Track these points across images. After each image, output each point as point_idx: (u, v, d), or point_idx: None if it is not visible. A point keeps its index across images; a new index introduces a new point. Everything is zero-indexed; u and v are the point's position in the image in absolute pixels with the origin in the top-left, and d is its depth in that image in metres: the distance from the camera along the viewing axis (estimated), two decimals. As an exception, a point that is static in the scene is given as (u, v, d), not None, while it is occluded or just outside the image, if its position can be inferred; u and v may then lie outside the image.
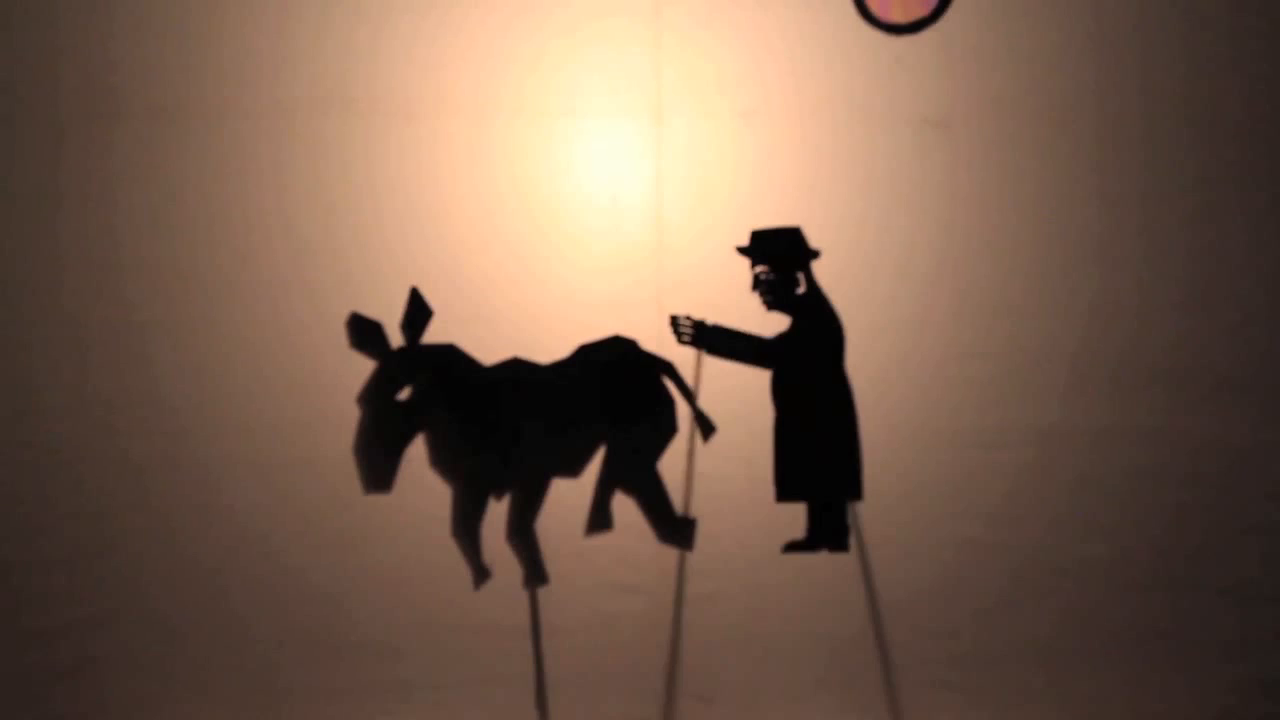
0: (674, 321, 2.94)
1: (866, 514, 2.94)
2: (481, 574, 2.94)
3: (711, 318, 2.94)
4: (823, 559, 2.93)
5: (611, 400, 2.95)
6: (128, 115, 2.96)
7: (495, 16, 3.00)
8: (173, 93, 2.97)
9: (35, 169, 2.96)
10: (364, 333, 2.92)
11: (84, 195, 2.96)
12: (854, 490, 2.93)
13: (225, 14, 3.00)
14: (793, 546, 2.94)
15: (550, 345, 2.96)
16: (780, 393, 2.93)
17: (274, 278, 2.95)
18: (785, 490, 2.93)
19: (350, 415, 2.91)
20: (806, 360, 2.93)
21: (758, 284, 2.94)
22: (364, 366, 2.92)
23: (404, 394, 2.93)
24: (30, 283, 2.94)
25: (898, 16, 3.02)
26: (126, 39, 2.98)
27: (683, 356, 2.96)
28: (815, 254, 2.95)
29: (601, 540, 2.94)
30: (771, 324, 2.94)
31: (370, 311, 2.92)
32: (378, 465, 2.92)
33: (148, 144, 2.96)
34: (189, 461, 2.93)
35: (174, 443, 2.92)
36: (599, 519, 2.94)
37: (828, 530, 2.93)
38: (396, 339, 2.92)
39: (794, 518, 2.94)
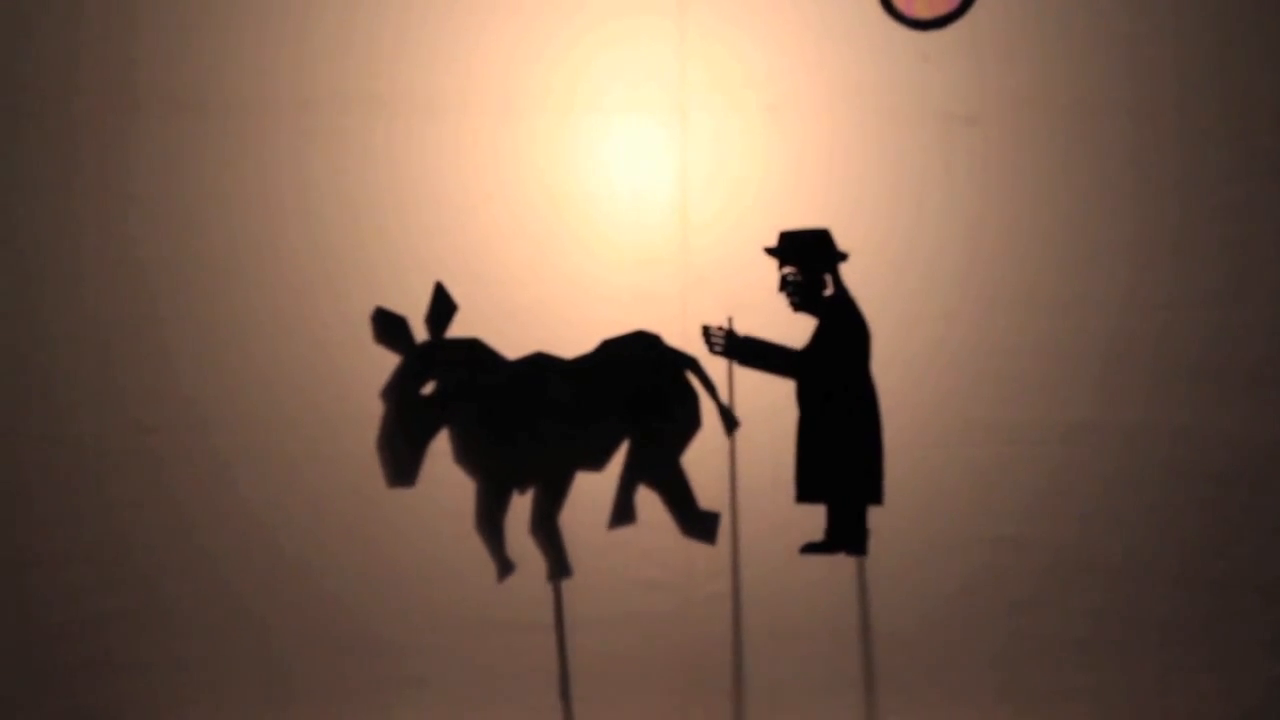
0: (706, 332, 2.93)
1: (896, 510, 2.93)
2: (505, 568, 2.95)
3: (736, 313, 2.94)
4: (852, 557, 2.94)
5: (635, 394, 2.95)
6: (150, 111, 2.95)
7: (519, 12, 2.99)
8: (195, 88, 2.96)
9: (53, 163, 2.95)
10: (389, 327, 2.94)
11: (104, 189, 2.95)
12: (874, 495, 2.92)
13: (251, 8, 3.01)
14: (811, 548, 2.93)
15: (574, 340, 2.96)
16: (805, 394, 2.93)
17: (298, 272, 2.95)
18: (805, 491, 2.93)
19: (374, 410, 2.93)
20: (832, 362, 2.91)
21: (785, 284, 2.93)
22: (388, 361, 2.94)
23: (428, 388, 2.95)
24: (51, 278, 2.94)
25: (922, 12, 3.00)
26: (148, 34, 2.96)
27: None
28: (843, 256, 2.94)
29: (625, 534, 2.94)
30: (798, 324, 2.93)
31: (395, 306, 2.93)
32: (402, 459, 2.93)
33: (173, 139, 2.95)
34: (210, 457, 2.93)
35: (194, 438, 2.93)
36: (622, 513, 2.94)
37: (847, 533, 2.92)
38: (421, 333, 2.94)
39: (822, 515, 2.94)
